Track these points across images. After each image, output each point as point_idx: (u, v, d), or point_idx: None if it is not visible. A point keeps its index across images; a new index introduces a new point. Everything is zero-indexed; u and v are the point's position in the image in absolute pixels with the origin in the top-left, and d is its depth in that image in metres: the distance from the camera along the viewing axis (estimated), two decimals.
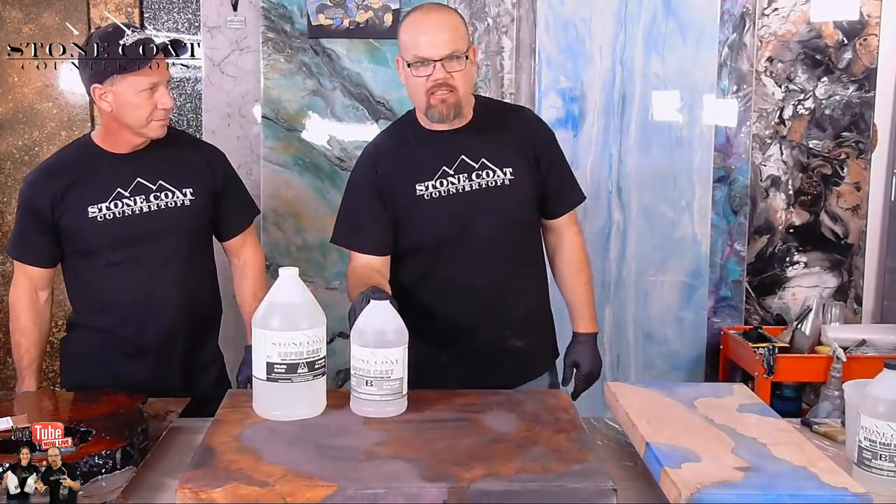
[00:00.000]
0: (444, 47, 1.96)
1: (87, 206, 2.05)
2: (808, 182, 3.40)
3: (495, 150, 2.09)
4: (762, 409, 1.74)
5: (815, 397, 3.17)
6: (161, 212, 2.10)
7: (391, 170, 2.11)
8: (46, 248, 2.11)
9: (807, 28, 3.34)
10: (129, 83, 1.99)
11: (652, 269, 3.32)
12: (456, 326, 2.11)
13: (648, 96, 3.30)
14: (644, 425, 1.61)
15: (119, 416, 1.67)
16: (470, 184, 2.06)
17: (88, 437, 1.57)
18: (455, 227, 2.07)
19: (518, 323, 2.16)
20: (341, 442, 1.55)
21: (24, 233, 2.12)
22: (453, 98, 2.00)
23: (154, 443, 1.66)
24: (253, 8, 3.25)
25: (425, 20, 2.02)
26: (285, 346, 1.62)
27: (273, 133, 3.26)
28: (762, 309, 3.46)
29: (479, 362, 2.11)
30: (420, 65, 1.98)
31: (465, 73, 2.00)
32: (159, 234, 2.10)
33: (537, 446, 1.54)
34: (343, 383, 3.08)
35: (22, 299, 2.15)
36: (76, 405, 1.84)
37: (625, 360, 3.37)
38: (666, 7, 3.26)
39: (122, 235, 2.07)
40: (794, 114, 3.38)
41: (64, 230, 2.08)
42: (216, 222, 2.26)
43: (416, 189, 2.07)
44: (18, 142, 3.30)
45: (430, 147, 2.09)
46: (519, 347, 2.15)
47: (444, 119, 2.03)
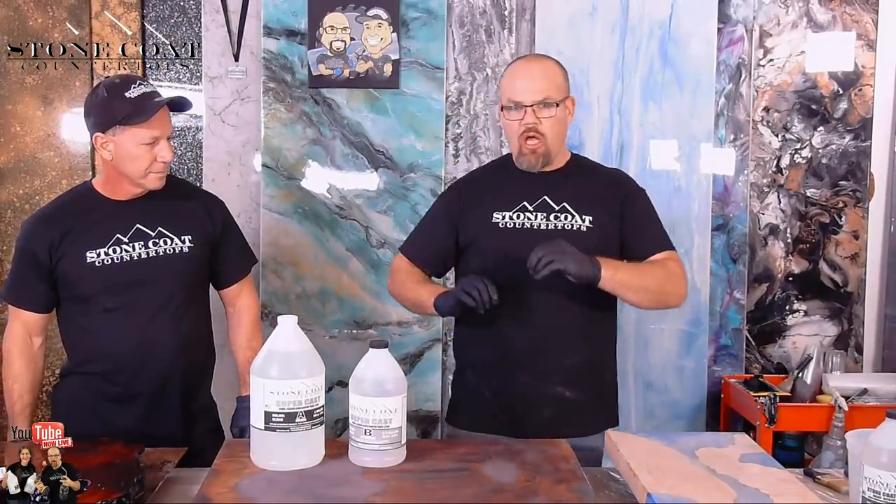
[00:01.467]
0: (537, 94, 2.06)
1: (86, 252, 2.05)
2: (806, 230, 3.42)
3: (579, 196, 2.13)
4: (764, 459, 1.73)
5: (818, 447, 3.15)
6: (159, 258, 2.10)
7: (473, 197, 2.20)
8: (43, 294, 2.11)
9: (802, 78, 3.37)
10: (131, 134, 2.01)
11: (651, 317, 3.31)
12: (501, 360, 2.11)
13: (646, 145, 3.33)
14: (645, 475, 1.59)
15: (115, 466, 1.65)
16: (546, 223, 2.10)
17: (84, 488, 1.55)
18: (520, 260, 2.02)
19: (566, 372, 2.11)
20: (340, 493, 1.53)
21: (21, 278, 2.12)
22: (542, 148, 2.08)
23: (150, 493, 1.64)
24: (254, 58, 3.29)
25: (523, 67, 2.15)
26: (284, 394, 1.61)
27: (273, 181, 3.28)
28: (763, 357, 3.45)
29: (519, 403, 2.10)
30: (513, 109, 2.08)
31: (555, 119, 2.08)
32: (156, 280, 2.10)
33: (537, 497, 1.52)
34: (342, 432, 3.06)
35: (16, 345, 2.13)
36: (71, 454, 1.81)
37: (625, 409, 3.34)
38: (663, 58, 3.31)
39: (120, 281, 2.07)
40: (791, 163, 3.40)
41: (61, 276, 2.08)
42: (214, 270, 2.26)
43: (492, 215, 2.13)
44: (19, 190, 3.31)
45: (516, 183, 2.16)
46: (567, 397, 2.11)
47: (532, 167, 2.12)
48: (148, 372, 2.11)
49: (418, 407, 3.27)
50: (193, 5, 3.32)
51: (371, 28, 3.26)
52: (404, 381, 1.68)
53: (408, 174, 3.31)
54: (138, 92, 2.01)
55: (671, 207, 3.31)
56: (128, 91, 2.00)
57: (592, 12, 3.31)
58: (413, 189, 3.30)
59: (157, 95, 2.04)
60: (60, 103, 3.31)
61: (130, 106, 1.99)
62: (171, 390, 2.14)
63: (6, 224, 3.32)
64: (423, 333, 3.30)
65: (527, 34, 3.35)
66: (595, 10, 3.31)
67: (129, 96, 2.00)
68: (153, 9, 3.32)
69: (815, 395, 3.11)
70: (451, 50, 3.32)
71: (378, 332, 3.30)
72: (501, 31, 3.34)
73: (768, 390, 3.11)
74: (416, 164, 3.30)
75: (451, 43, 3.32)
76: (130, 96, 2.00)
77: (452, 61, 3.33)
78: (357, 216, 3.31)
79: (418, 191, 3.29)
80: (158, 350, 2.11)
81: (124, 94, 2.00)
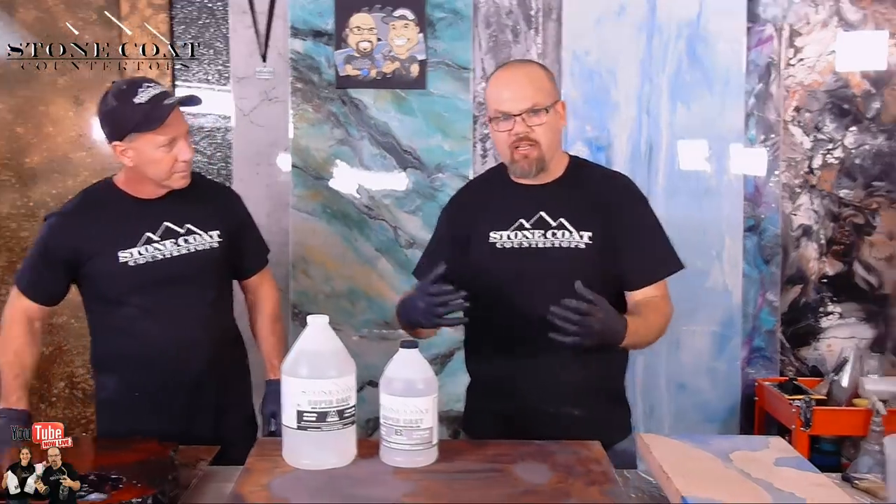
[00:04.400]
0: (524, 101, 1.97)
1: (118, 252, 2.04)
2: (840, 231, 3.37)
3: (577, 210, 2.04)
4: (800, 463, 1.70)
5: (855, 451, 3.10)
6: (191, 255, 2.11)
7: (470, 213, 2.13)
8: (56, 290, 2.12)
9: (833, 78, 3.34)
10: (147, 139, 1.99)
11: (683, 319, 3.28)
12: (506, 376, 2.06)
13: (675, 146, 3.30)
14: (679, 478, 1.57)
15: (150, 463, 1.66)
16: (544, 241, 2.02)
17: (120, 485, 1.56)
18: (520, 281, 2.02)
19: (568, 390, 2.05)
20: (370, 492, 1.53)
21: (36, 270, 2.11)
22: (536, 153, 2.00)
23: (184, 491, 1.64)
24: (281, 59, 3.30)
25: (506, 75, 2.05)
26: (315, 394, 1.60)
27: (301, 181, 3.29)
28: (797, 360, 3.41)
29: (526, 419, 2.05)
30: (502, 119, 1.99)
31: (547, 126, 1.99)
32: (191, 276, 2.11)
33: (570, 498, 1.51)
34: (373, 432, 3.05)
35: (18, 321, 2.10)
36: (107, 452, 1.82)
37: (657, 411, 3.32)
38: (691, 57, 3.28)
39: (155, 280, 2.07)
40: (823, 163, 3.36)
41: (90, 275, 2.08)
42: (235, 262, 2.26)
43: (489, 236, 2.06)
44: (52, 190, 3.35)
45: (512, 198, 2.08)
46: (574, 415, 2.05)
47: (527, 174, 2.03)
48: (184, 367, 2.11)
49: (449, 407, 3.25)
50: (221, 6, 3.33)
51: (397, 28, 3.26)
52: (435, 381, 1.67)
53: (435, 174, 3.30)
54: (147, 95, 1.98)
55: (701, 208, 3.28)
56: (136, 96, 1.97)
57: (620, 12, 3.29)
58: (441, 189, 3.30)
59: (166, 96, 2.01)
60: (92, 104, 3.34)
61: (140, 113, 1.96)
62: (206, 384, 2.15)
63: (40, 223, 3.34)
64: (454, 334, 3.28)
65: (553, 34, 3.34)
66: (623, 10, 3.29)
67: (138, 102, 1.97)
68: (181, 10, 3.34)
69: (851, 399, 3.06)
70: (478, 50, 3.32)
71: None
72: (528, 31, 3.32)
73: (803, 393, 3.08)
74: (444, 165, 3.30)
75: (478, 43, 3.32)
76: (139, 102, 1.97)
77: (479, 61, 3.32)
78: (385, 216, 3.31)
79: (446, 191, 3.28)
80: (193, 345, 2.11)
81: (133, 101, 1.97)
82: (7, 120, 3.32)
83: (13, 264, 3.36)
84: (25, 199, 3.34)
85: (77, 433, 3.33)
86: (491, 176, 2.22)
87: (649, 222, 2.10)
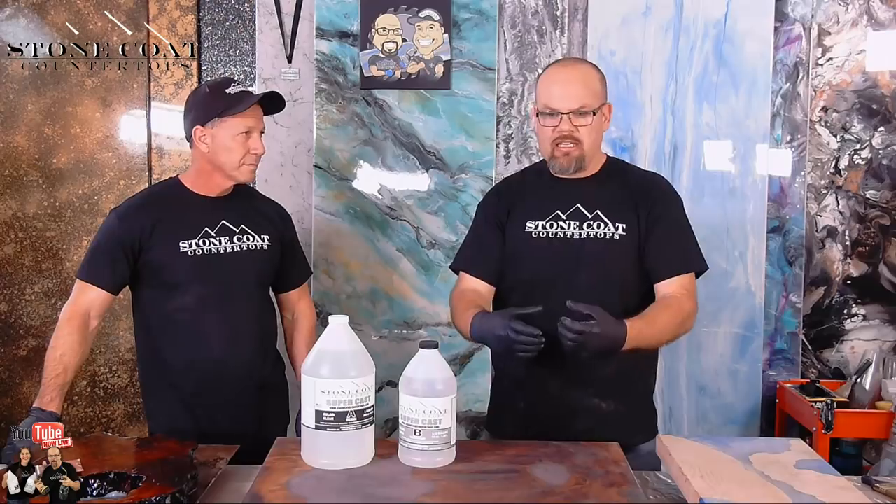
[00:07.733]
0: (573, 101, 2.01)
1: (179, 241, 2.16)
2: (865, 233, 3.34)
3: (613, 203, 2.08)
4: (821, 466, 1.69)
5: (877, 454, 3.07)
6: (243, 253, 2.23)
7: (510, 203, 2.16)
8: (119, 274, 2.17)
9: (862, 77, 3.30)
10: (228, 126, 2.16)
11: (705, 321, 3.26)
12: (535, 370, 2.06)
13: (700, 146, 3.29)
14: (698, 480, 1.57)
15: (169, 462, 1.68)
16: (580, 232, 2.07)
17: (139, 483, 1.58)
18: (554, 271, 2.05)
19: (602, 382, 2.06)
20: (389, 492, 1.54)
21: (100, 257, 2.17)
22: (577, 152, 2.04)
23: (203, 489, 1.66)
24: (307, 60, 3.32)
25: (559, 72, 2.09)
26: (334, 394, 1.62)
27: (325, 182, 3.31)
28: (819, 362, 3.38)
29: (553, 414, 2.07)
30: (548, 115, 2.03)
31: (591, 127, 2.03)
32: (241, 273, 2.23)
33: (588, 499, 1.51)
34: (392, 432, 3.07)
35: (74, 319, 2.13)
36: (128, 451, 1.85)
37: (677, 413, 3.31)
38: (717, 57, 3.26)
39: (210, 271, 2.18)
40: (850, 164, 3.33)
41: (150, 262, 2.17)
42: (279, 273, 2.37)
43: (526, 225, 2.10)
44: (79, 190, 3.39)
45: (549, 191, 2.13)
46: (602, 408, 2.07)
47: (565, 171, 2.07)
48: (236, 356, 2.21)
49: (468, 408, 3.27)
50: (248, 8, 3.36)
51: (423, 29, 3.27)
52: (454, 381, 1.68)
53: (458, 175, 3.31)
54: (237, 90, 2.19)
55: (725, 209, 3.26)
56: (228, 88, 2.19)
57: (646, 12, 3.28)
58: (464, 190, 3.30)
59: (251, 93, 2.23)
60: (119, 105, 3.38)
61: (228, 100, 2.17)
62: (254, 376, 2.24)
63: (66, 223, 3.40)
64: None
65: (579, 34, 3.33)
66: (649, 10, 3.28)
67: (229, 92, 2.18)
68: (209, 12, 3.37)
69: (874, 402, 3.04)
70: (503, 50, 3.32)
71: (428, 332, 3.31)
72: (553, 32, 3.32)
73: (825, 395, 3.05)
74: (467, 165, 3.30)
75: (503, 44, 3.32)
76: (230, 92, 2.18)
77: (504, 62, 3.32)
78: (408, 217, 3.32)
79: (469, 191, 3.29)
80: (244, 336, 2.23)
81: (224, 91, 2.18)
82: (35, 121, 3.36)
83: (38, 264, 3.41)
84: (52, 200, 3.38)
85: (98, 431, 3.38)
86: (530, 170, 2.29)
87: (680, 220, 2.14)
